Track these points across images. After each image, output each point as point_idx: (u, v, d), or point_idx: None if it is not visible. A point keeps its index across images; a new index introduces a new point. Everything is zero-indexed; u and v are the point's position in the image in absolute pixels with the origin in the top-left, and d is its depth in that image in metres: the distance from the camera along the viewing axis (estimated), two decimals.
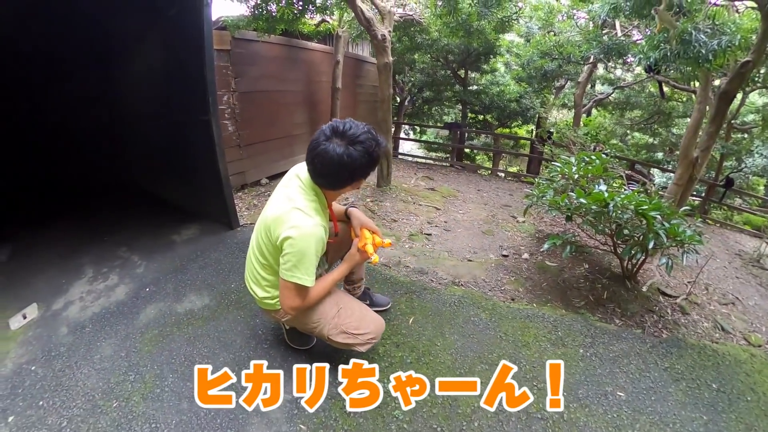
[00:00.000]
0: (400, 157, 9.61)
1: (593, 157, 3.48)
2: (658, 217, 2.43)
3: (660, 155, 12.91)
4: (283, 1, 4.07)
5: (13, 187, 5.45)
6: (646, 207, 2.40)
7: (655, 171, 10.36)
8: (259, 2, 4.17)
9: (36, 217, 4.47)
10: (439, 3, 5.24)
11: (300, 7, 4.40)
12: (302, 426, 1.74)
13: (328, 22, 6.61)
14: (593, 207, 2.55)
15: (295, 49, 5.94)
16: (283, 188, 1.71)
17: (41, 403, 1.91)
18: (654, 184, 5.34)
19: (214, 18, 6.40)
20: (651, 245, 2.39)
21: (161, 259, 3.31)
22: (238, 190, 5.00)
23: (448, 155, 12.22)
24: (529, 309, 2.64)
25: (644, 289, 2.98)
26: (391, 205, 4.85)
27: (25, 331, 2.46)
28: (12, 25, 4.45)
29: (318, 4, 4.69)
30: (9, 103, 5.66)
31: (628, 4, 3.68)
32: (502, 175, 9.07)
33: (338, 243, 2.03)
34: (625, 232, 2.63)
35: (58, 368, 2.13)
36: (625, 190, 3.33)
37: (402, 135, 11.58)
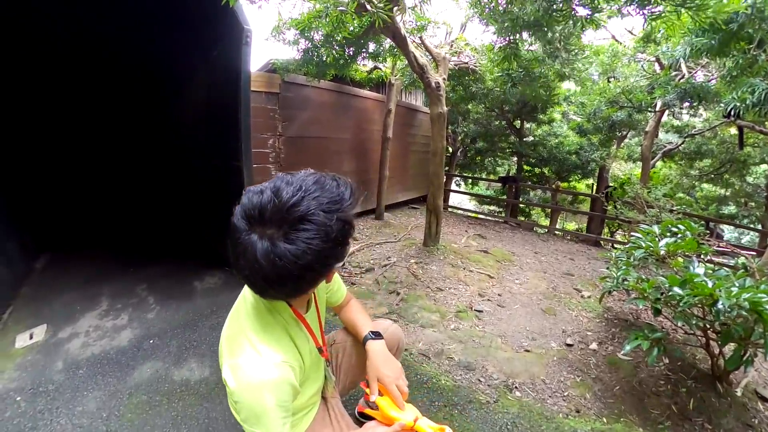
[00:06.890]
0: (449, 209, 9.15)
1: (681, 227, 2.86)
2: None
3: (732, 208, 11.54)
4: (334, 47, 3.92)
5: (66, 205, 5.77)
6: (765, 300, 1.78)
7: (724, 226, 9.09)
8: (309, 46, 4.06)
9: (79, 235, 4.95)
10: (496, 48, 4.96)
11: (351, 53, 4.25)
12: None
13: (380, 69, 6.49)
14: (694, 301, 1.96)
15: (345, 96, 5.83)
16: (240, 294, 1.18)
17: None
18: (753, 261, 4.28)
19: (264, 61, 6.50)
20: None
21: (175, 307, 3.18)
22: None
23: (501, 210, 11.60)
24: (599, 428, 2.02)
25: (738, 392, 2.34)
26: (437, 270, 4.31)
27: (26, 353, 2.51)
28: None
29: (370, 51, 4.54)
30: (64, 136, 6.11)
31: (711, 42, 3.24)
32: (560, 233, 8.34)
33: (344, 364, 1.50)
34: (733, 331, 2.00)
35: (39, 408, 2.07)
36: (717, 269, 2.64)
37: (453, 186, 11.21)
